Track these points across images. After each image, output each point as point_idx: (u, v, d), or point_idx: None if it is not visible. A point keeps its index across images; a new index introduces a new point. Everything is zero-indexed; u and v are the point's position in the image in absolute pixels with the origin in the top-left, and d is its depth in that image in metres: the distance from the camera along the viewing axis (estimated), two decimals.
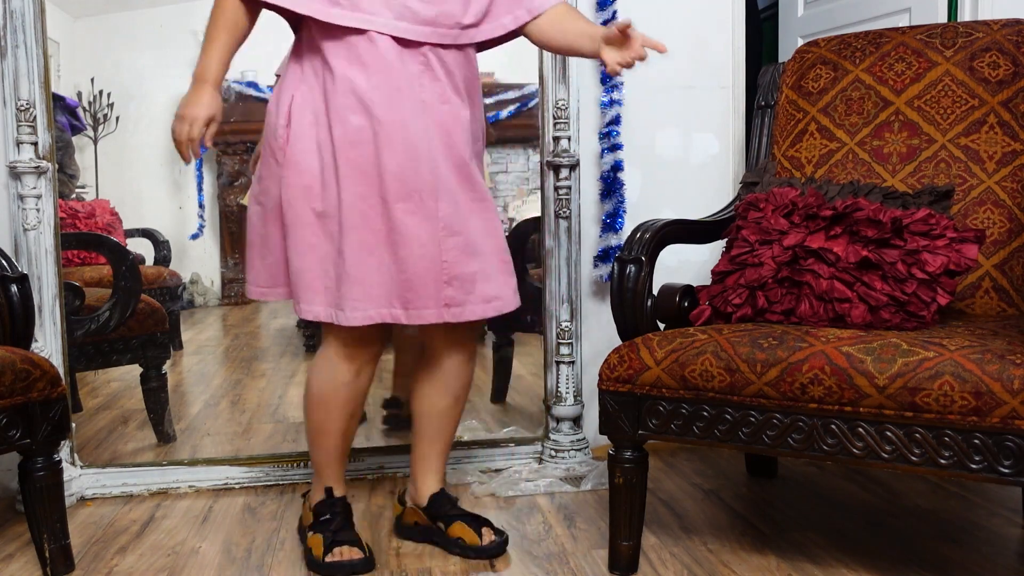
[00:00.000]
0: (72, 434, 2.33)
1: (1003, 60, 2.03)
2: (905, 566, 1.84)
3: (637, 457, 1.79)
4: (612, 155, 2.55)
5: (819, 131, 2.19)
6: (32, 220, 2.23)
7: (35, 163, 2.23)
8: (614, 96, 2.54)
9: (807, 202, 1.83)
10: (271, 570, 1.89)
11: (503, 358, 2.80)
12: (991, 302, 1.92)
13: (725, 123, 2.70)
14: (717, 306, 1.87)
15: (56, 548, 1.84)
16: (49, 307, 2.26)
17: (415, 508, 2.00)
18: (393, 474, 2.46)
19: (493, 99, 2.87)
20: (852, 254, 1.72)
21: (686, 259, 2.60)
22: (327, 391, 1.87)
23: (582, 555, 1.93)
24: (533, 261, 2.69)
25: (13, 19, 2.20)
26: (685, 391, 1.70)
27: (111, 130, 2.70)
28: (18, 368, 1.74)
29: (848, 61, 2.20)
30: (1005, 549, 1.94)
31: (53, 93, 2.30)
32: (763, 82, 2.34)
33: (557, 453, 2.49)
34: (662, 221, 1.96)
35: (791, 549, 1.93)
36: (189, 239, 2.86)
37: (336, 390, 1.87)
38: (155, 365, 2.58)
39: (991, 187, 1.98)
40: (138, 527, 2.14)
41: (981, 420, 1.45)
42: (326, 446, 1.91)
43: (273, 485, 2.41)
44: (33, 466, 1.80)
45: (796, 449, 1.62)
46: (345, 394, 1.87)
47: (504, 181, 2.91)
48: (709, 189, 2.66)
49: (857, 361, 1.54)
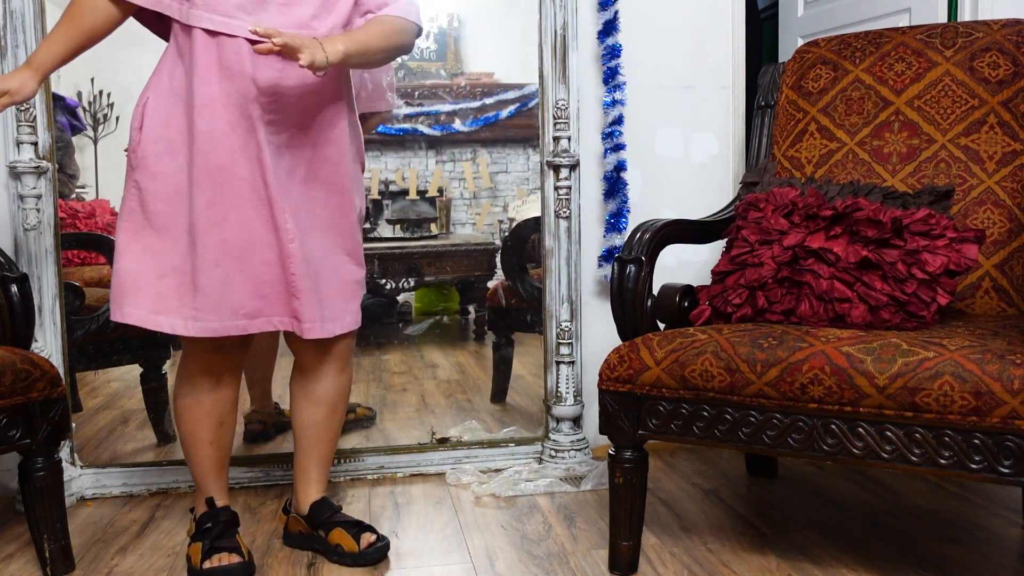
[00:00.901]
0: (72, 434, 2.33)
1: (1003, 60, 2.03)
2: (905, 566, 1.84)
3: (637, 457, 1.79)
4: (615, 155, 2.55)
5: (819, 131, 2.19)
6: (32, 220, 2.24)
7: (35, 163, 2.23)
8: (616, 96, 2.54)
9: (807, 202, 1.83)
10: (271, 570, 1.89)
11: (503, 358, 2.80)
12: (991, 302, 1.92)
13: (725, 123, 2.70)
14: (717, 306, 1.87)
15: (56, 548, 1.84)
16: (49, 307, 2.26)
17: (296, 517, 1.99)
18: (393, 474, 2.46)
19: (493, 99, 2.87)
20: (852, 254, 1.72)
21: (686, 259, 2.61)
22: (189, 403, 1.87)
23: (582, 555, 1.93)
24: (533, 261, 2.69)
25: (13, 19, 2.20)
26: (685, 391, 1.70)
27: (111, 130, 2.70)
28: (18, 368, 1.74)
29: (848, 61, 2.20)
30: (1005, 549, 1.94)
31: (53, 93, 2.30)
32: (763, 82, 2.34)
33: (557, 453, 2.49)
34: (662, 221, 1.96)
35: (791, 549, 1.93)
36: None
37: (198, 400, 1.87)
38: (155, 365, 2.58)
39: (991, 187, 1.98)
40: (138, 527, 2.14)
41: (981, 420, 1.45)
42: (200, 456, 1.90)
43: (273, 485, 2.41)
44: (33, 466, 1.80)
45: (796, 449, 1.62)
46: (207, 403, 1.87)
47: (504, 181, 2.91)
48: (709, 189, 2.66)
49: (857, 361, 1.54)
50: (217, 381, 1.86)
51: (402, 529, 2.09)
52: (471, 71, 2.92)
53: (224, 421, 1.90)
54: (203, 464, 1.90)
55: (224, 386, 1.88)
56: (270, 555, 1.96)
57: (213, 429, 1.88)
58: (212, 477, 1.91)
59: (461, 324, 2.97)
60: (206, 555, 1.82)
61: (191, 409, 1.87)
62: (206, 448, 1.89)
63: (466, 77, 2.88)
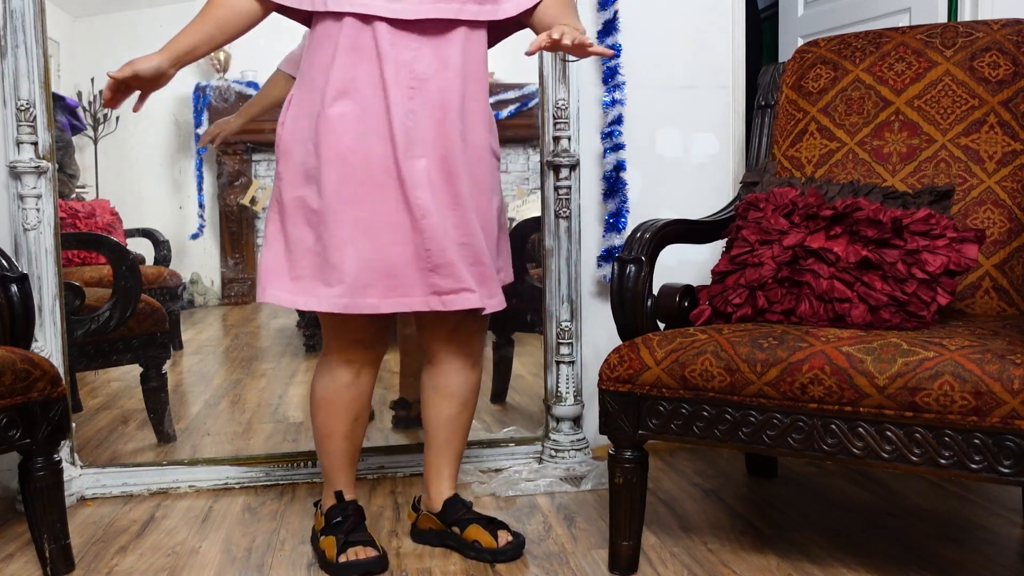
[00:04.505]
0: (72, 434, 2.33)
1: (1003, 60, 2.02)
2: (905, 566, 1.84)
3: (637, 457, 1.79)
4: (614, 155, 2.55)
5: (819, 131, 2.19)
6: (32, 220, 2.23)
7: (35, 163, 2.23)
8: (616, 96, 2.54)
9: (807, 202, 1.83)
10: (271, 570, 1.89)
11: (503, 358, 2.80)
12: (991, 302, 1.92)
13: (725, 123, 2.70)
14: (717, 306, 1.87)
15: (56, 548, 1.84)
16: (49, 307, 2.26)
17: (429, 514, 1.99)
18: (393, 474, 2.46)
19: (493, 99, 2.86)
20: (852, 254, 1.72)
21: (686, 259, 2.60)
22: (329, 394, 1.88)
23: (582, 555, 1.93)
24: (533, 261, 2.69)
25: (13, 19, 2.20)
26: (685, 391, 1.70)
27: (111, 130, 2.70)
28: (18, 368, 1.74)
29: (848, 61, 2.20)
30: (1005, 549, 1.94)
31: (53, 93, 2.30)
32: (763, 82, 2.34)
33: (557, 453, 2.49)
34: (662, 221, 1.96)
35: (791, 549, 1.93)
36: (189, 239, 2.86)
37: (337, 393, 1.87)
38: (155, 365, 2.58)
39: (991, 187, 1.98)
40: (138, 527, 2.14)
41: (981, 420, 1.45)
42: (332, 450, 1.91)
43: (273, 485, 2.41)
44: (33, 466, 1.80)
45: (796, 449, 1.62)
46: (347, 396, 1.87)
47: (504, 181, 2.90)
48: (709, 189, 2.66)
49: (857, 361, 1.54)
50: (356, 374, 1.87)
51: (402, 529, 2.09)
52: None
53: (359, 416, 1.91)
54: (335, 458, 1.92)
55: (362, 381, 1.88)
56: (270, 554, 1.96)
57: (349, 423, 1.89)
58: (343, 471, 1.93)
59: None
60: (341, 549, 1.83)
61: (331, 403, 1.88)
62: (340, 442, 1.90)
63: None
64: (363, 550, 1.84)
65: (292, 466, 2.42)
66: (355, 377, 1.87)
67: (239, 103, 2.77)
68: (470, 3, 1.77)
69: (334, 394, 1.88)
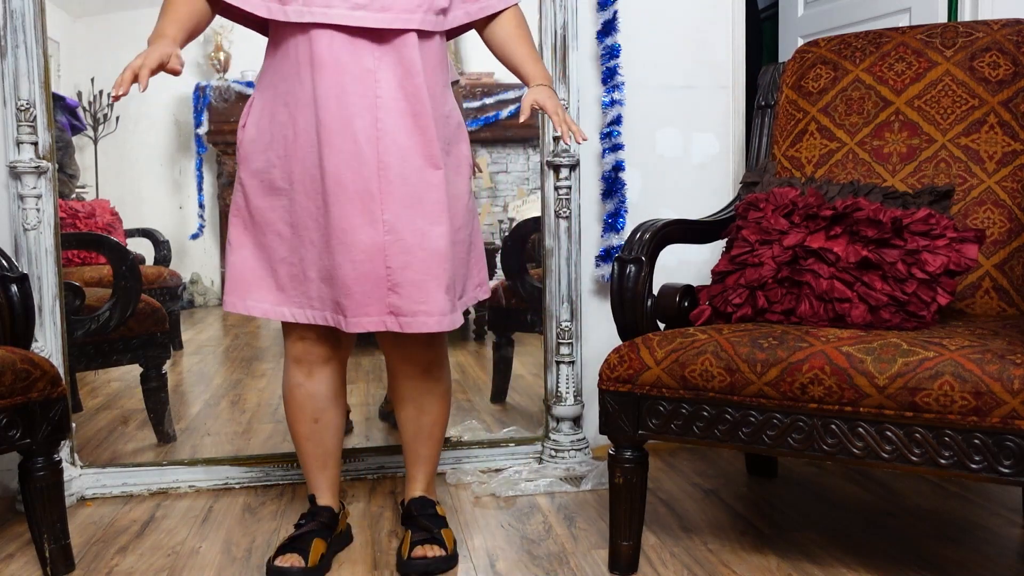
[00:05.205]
0: (72, 434, 2.32)
1: (1003, 60, 2.03)
2: (905, 566, 1.84)
3: (637, 457, 1.79)
4: (613, 155, 2.55)
5: (819, 131, 2.19)
6: (32, 220, 2.23)
7: (35, 163, 2.23)
8: (615, 96, 2.54)
9: (807, 202, 1.83)
10: None
11: (503, 358, 2.80)
12: (991, 302, 1.92)
13: (725, 123, 2.70)
14: (717, 306, 1.87)
15: (56, 548, 1.84)
16: (49, 307, 2.26)
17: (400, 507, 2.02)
18: (393, 474, 2.46)
19: (493, 99, 2.87)
20: (852, 254, 1.72)
21: (686, 259, 2.60)
22: (285, 394, 1.90)
23: (582, 555, 1.93)
24: (533, 261, 2.69)
25: (13, 19, 2.20)
26: (685, 391, 1.70)
27: (111, 130, 2.70)
28: (18, 368, 1.74)
29: (848, 61, 2.20)
30: (1005, 549, 1.94)
31: (53, 93, 2.30)
32: (763, 82, 2.34)
33: (557, 453, 2.49)
34: (662, 221, 1.96)
35: (791, 549, 1.93)
36: (189, 239, 2.86)
37: (291, 392, 1.88)
38: (155, 365, 2.58)
39: (991, 187, 1.98)
40: (138, 527, 2.14)
41: (981, 420, 1.45)
42: (299, 451, 1.93)
43: (273, 485, 2.41)
44: (33, 466, 1.80)
45: (796, 449, 1.62)
46: (299, 396, 1.87)
47: (504, 181, 2.91)
48: (709, 189, 2.66)
49: (857, 361, 1.54)
50: (308, 374, 1.87)
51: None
52: (471, 71, 2.92)
53: (319, 419, 1.89)
54: (303, 459, 1.93)
55: (316, 381, 1.87)
56: (270, 554, 1.96)
57: (307, 424, 1.89)
58: (314, 473, 1.93)
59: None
60: (279, 551, 1.83)
61: (287, 403, 1.90)
62: (303, 443, 1.91)
63: (466, 77, 2.88)
64: (292, 557, 1.81)
65: (292, 466, 2.42)
66: (306, 377, 1.87)
67: (239, 103, 2.77)
68: (427, 12, 1.74)
69: (288, 393, 1.89)
